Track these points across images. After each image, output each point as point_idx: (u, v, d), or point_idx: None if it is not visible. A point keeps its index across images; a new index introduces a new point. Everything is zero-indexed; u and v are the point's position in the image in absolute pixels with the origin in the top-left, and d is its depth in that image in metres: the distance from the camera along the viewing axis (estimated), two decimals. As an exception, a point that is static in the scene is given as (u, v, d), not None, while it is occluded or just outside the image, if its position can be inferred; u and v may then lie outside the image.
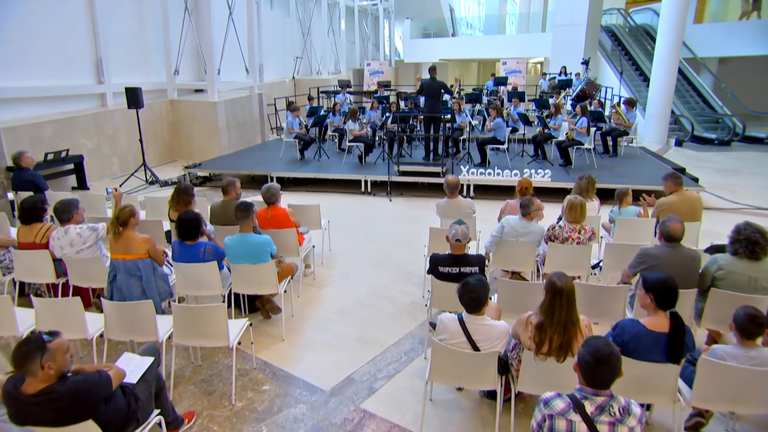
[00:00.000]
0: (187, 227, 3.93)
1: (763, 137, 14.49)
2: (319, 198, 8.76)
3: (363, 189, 9.01)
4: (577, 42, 17.62)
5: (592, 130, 9.36)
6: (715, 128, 15.55)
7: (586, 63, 16.27)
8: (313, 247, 5.34)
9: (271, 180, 9.35)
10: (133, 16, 11.35)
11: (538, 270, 4.61)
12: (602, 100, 11.32)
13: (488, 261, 4.53)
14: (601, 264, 4.55)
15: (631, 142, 11.28)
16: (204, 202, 6.03)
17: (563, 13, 18.01)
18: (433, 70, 9.11)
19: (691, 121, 14.84)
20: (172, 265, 4.30)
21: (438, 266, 3.62)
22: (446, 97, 9.56)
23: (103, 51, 10.31)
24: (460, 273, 3.57)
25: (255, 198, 9.24)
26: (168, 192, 9.64)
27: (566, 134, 9.46)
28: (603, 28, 19.71)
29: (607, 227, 5.45)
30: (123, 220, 3.96)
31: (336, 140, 11.75)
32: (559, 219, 5.56)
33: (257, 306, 4.53)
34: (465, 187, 8.63)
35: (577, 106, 9.37)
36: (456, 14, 29.03)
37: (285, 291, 4.36)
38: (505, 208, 5.18)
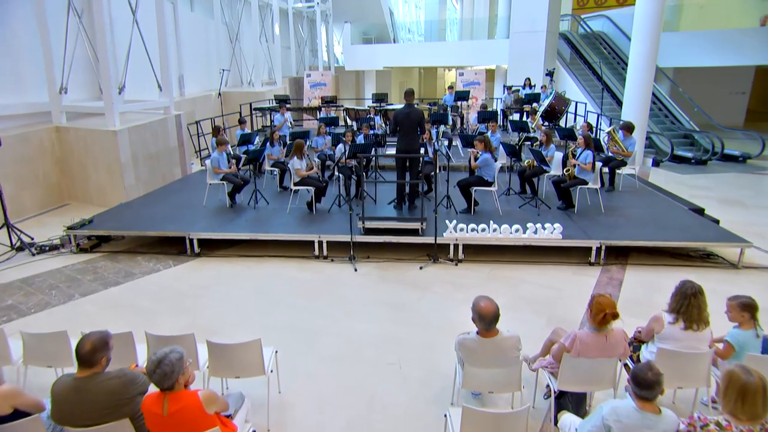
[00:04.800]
0: None
1: (738, 155, 13.58)
2: (257, 268, 6.45)
3: (317, 252, 6.78)
4: (536, 50, 16.22)
5: (598, 165, 7.63)
6: (685, 144, 14.57)
7: (550, 74, 14.89)
8: (254, 432, 3.09)
9: (191, 243, 6.90)
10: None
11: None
12: (589, 122, 9.76)
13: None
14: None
15: (619, 168, 9.72)
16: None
17: (521, 19, 16.55)
18: (409, 95, 7.03)
19: (670, 141, 13.70)
20: None
21: None
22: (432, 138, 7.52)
23: (-57, 65, 7.46)
24: None
25: (170, 272, 7.01)
26: (53, 264, 7.02)
27: (566, 171, 7.69)
28: (559, 35, 18.53)
29: (719, 355, 3.48)
30: None
31: (276, 175, 9.40)
32: (638, 343, 3.64)
33: None
34: (453, 248, 6.61)
35: (579, 137, 7.62)
36: (395, 18, 27.23)
37: None
38: (570, 346, 3.16)
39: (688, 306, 3.24)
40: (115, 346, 3.51)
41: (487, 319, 3.03)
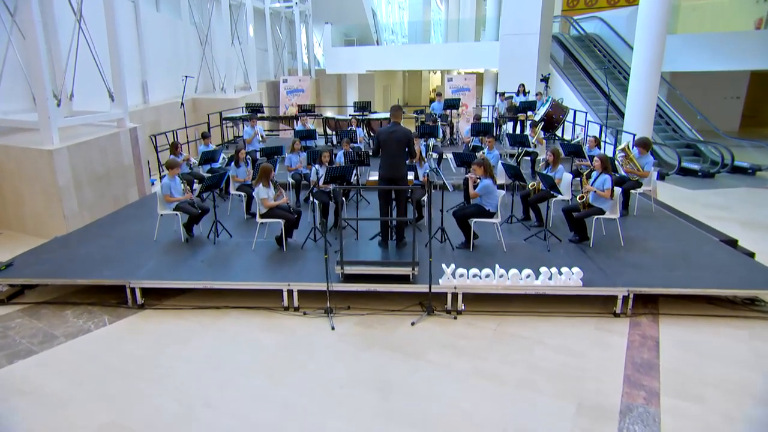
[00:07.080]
0: None
1: (747, 167, 12.71)
2: (212, 326, 5.20)
3: (286, 303, 5.59)
4: (529, 54, 15.19)
5: (617, 191, 6.55)
6: (689, 154, 13.68)
7: (546, 80, 13.86)
8: None
9: (132, 293, 5.64)
10: None
11: None
12: (596, 136, 8.69)
13: None
14: None
15: (633, 189, 8.65)
16: None
17: (511, 21, 15.49)
18: (396, 112, 5.88)
19: (676, 152, 12.78)
20: None
21: None
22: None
23: None
24: None
25: (103, 333, 5.03)
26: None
27: (580, 198, 6.60)
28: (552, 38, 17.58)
29: None
30: None
31: (243, 200, 8.15)
32: None
33: None
34: (450, 297, 5.47)
35: (595, 158, 6.55)
36: (378, 19, 26.04)
37: None
38: None
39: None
40: None
41: None
